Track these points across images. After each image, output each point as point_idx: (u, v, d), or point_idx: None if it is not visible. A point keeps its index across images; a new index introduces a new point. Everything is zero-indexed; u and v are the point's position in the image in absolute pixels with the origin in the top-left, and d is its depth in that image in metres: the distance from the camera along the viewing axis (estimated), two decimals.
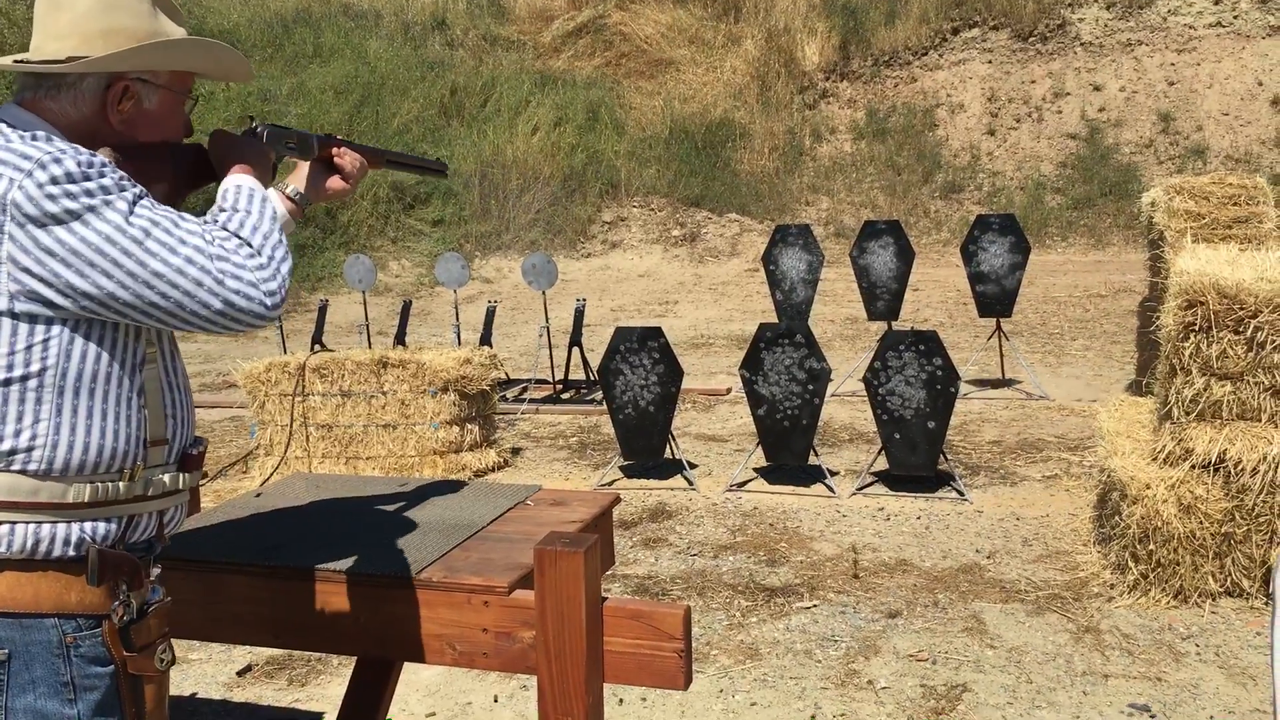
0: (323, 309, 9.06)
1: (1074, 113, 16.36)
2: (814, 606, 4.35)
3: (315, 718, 3.63)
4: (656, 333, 5.90)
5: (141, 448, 1.66)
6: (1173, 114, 15.87)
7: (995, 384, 8.20)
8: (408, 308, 8.97)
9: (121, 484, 1.63)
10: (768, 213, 15.95)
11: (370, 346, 8.52)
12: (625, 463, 6.30)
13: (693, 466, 6.30)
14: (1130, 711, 3.44)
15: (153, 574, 1.73)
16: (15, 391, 1.54)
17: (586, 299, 9.09)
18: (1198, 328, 4.16)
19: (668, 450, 6.07)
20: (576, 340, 8.25)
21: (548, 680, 1.96)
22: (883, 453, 5.73)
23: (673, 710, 3.57)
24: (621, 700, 3.62)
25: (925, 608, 4.29)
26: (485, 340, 8.35)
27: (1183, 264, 4.36)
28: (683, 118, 17.07)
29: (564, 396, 8.35)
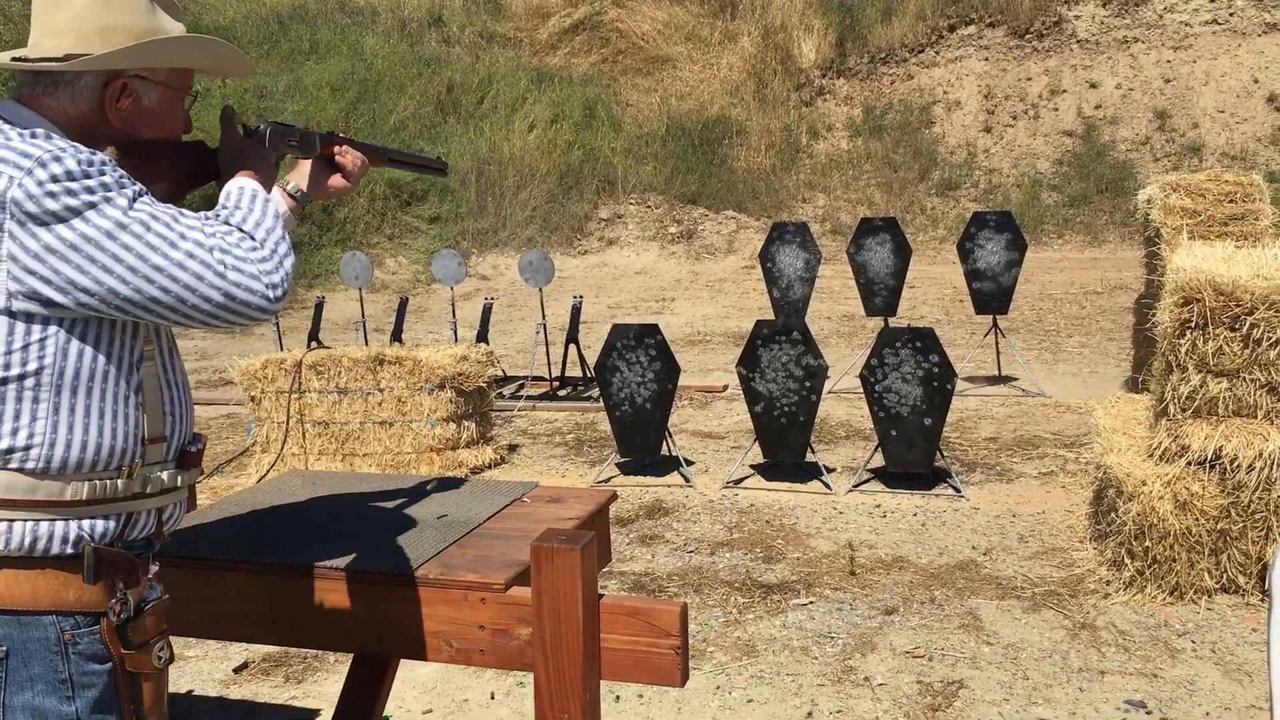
0: (319, 306, 9.06)
1: (1070, 110, 16.37)
2: (810, 603, 4.35)
3: (312, 715, 3.63)
4: (653, 330, 5.90)
5: (140, 445, 1.66)
6: (1169, 111, 15.88)
7: (992, 381, 8.21)
8: (404, 305, 8.97)
9: (120, 482, 1.63)
10: (764, 210, 15.95)
11: (367, 343, 8.51)
12: (622, 460, 6.30)
13: (689, 463, 6.31)
14: (1126, 708, 3.45)
15: (150, 571, 1.73)
16: (13, 390, 1.54)
17: (583, 296, 9.09)
18: (1194, 324, 4.17)
19: (664, 447, 6.07)
20: (573, 337, 8.25)
21: (544, 677, 1.96)
22: (879, 450, 5.73)
23: (669, 707, 3.57)
24: (618, 697, 3.62)
25: (922, 604, 4.30)
26: (482, 337, 8.34)
27: (1179, 261, 4.37)
28: (679, 115, 17.06)
29: (561, 394, 8.35)
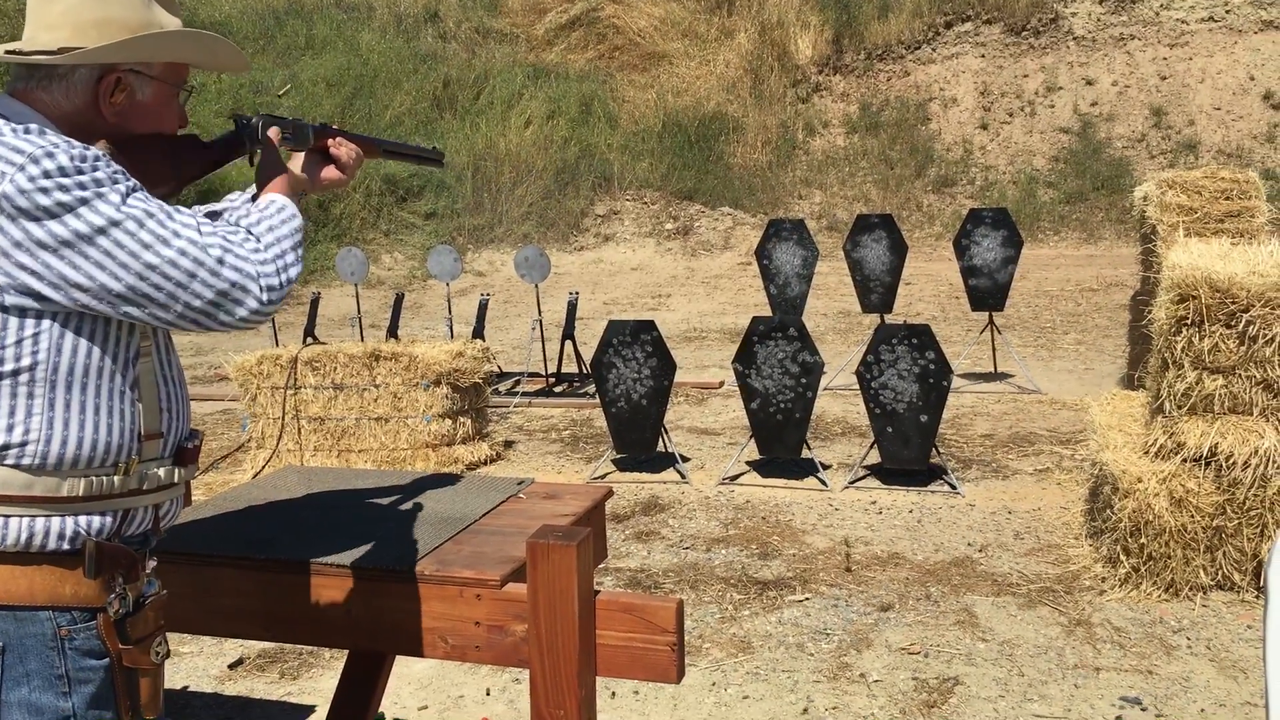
0: (315, 302, 9.04)
1: (1066, 107, 16.37)
2: (806, 600, 4.35)
3: (307, 711, 3.62)
4: (649, 326, 5.90)
5: (136, 441, 1.65)
6: (1165, 108, 15.89)
7: (987, 378, 8.21)
8: (400, 301, 8.96)
9: (116, 478, 1.63)
10: (760, 206, 15.95)
11: (363, 339, 8.49)
12: (618, 456, 6.30)
13: (685, 460, 6.31)
14: (1121, 704, 3.46)
15: (149, 567, 1.72)
16: (7, 386, 1.53)
17: (579, 292, 9.08)
18: (1190, 321, 4.17)
19: (660, 444, 6.07)
20: (569, 333, 8.24)
21: (540, 674, 1.96)
22: (875, 446, 5.73)
23: (665, 703, 3.57)
24: (614, 693, 3.62)
25: (917, 601, 4.30)
26: (478, 333, 8.34)
27: (1175, 258, 4.37)
28: (676, 111, 17.04)
29: (557, 390, 8.34)
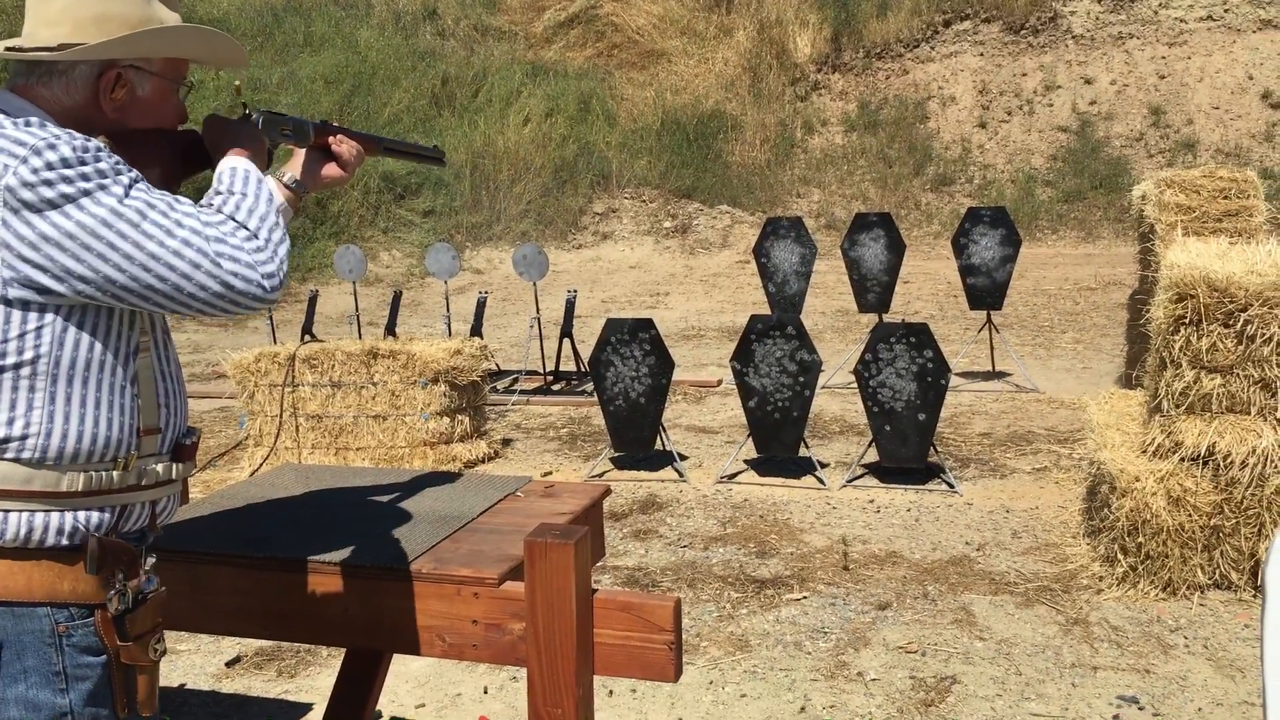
0: (313, 299, 9.03)
1: (1065, 106, 16.38)
2: (804, 598, 4.35)
3: (304, 709, 3.62)
4: (648, 324, 5.90)
5: (135, 436, 1.65)
6: (1163, 107, 15.90)
7: (985, 376, 8.21)
8: (398, 298, 8.95)
9: (115, 473, 1.63)
10: (759, 204, 15.94)
11: (360, 337, 8.49)
12: (616, 454, 6.30)
13: (683, 458, 6.31)
14: (1119, 703, 3.46)
15: (148, 563, 1.72)
16: (9, 379, 1.53)
17: (577, 290, 9.08)
18: (1188, 321, 4.17)
19: (658, 442, 6.07)
20: (567, 331, 8.24)
21: (537, 672, 1.96)
22: (873, 445, 5.74)
23: (663, 702, 3.57)
24: (611, 692, 3.62)
25: (915, 600, 4.30)
26: (476, 331, 8.33)
27: (1173, 257, 4.37)
28: (674, 109, 17.03)
29: (555, 388, 8.34)
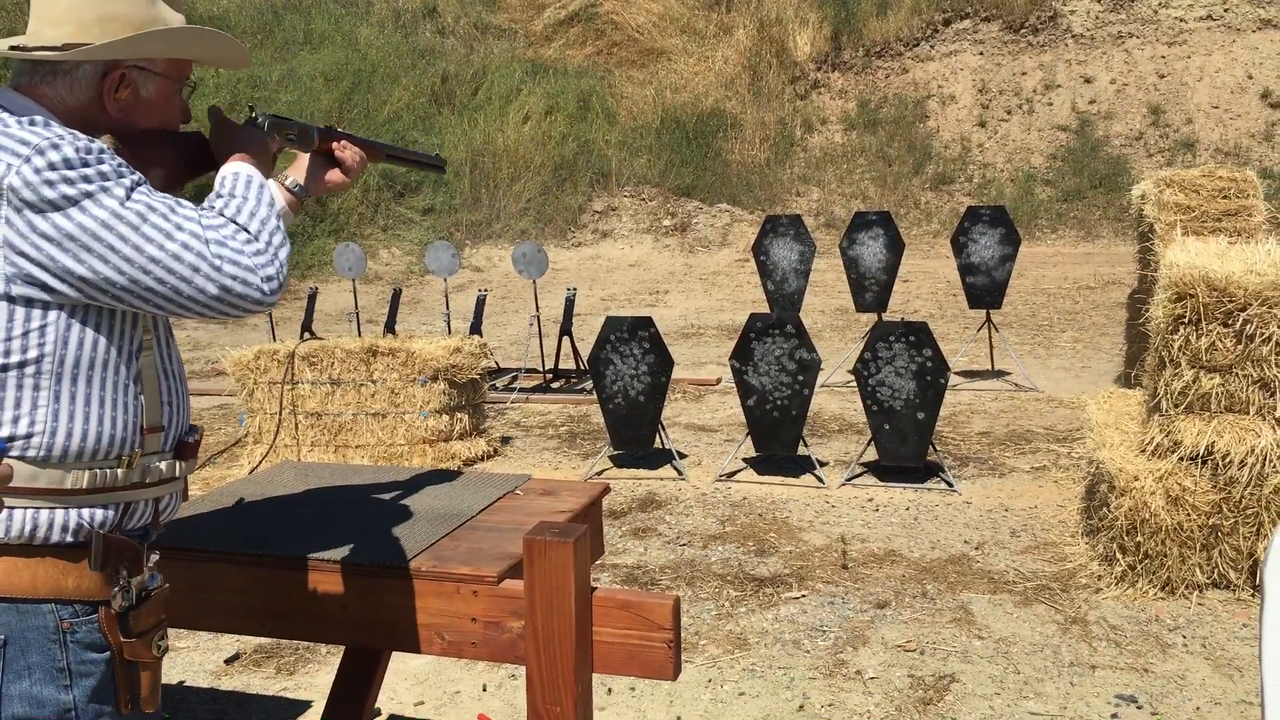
0: (312, 297, 9.03)
1: (1064, 105, 16.38)
2: (803, 597, 4.35)
3: (304, 706, 3.62)
4: (647, 322, 5.90)
5: (138, 434, 1.66)
6: (1163, 107, 15.90)
7: (985, 375, 8.21)
8: (398, 296, 8.95)
9: (119, 470, 1.63)
10: (758, 203, 15.94)
11: (360, 335, 8.49)
12: (615, 452, 6.30)
13: (682, 456, 6.31)
14: (1117, 702, 3.46)
15: (151, 560, 1.73)
16: (13, 378, 1.54)
17: (577, 288, 9.07)
18: (1187, 320, 4.17)
19: (657, 440, 6.07)
20: (567, 329, 8.24)
21: (536, 670, 1.96)
22: (872, 443, 5.74)
23: (661, 700, 3.57)
24: (610, 690, 3.62)
25: (913, 598, 4.30)
26: (475, 329, 8.33)
27: (1172, 257, 4.37)
28: (674, 107, 17.03)
29: (554, 386, 8.34)
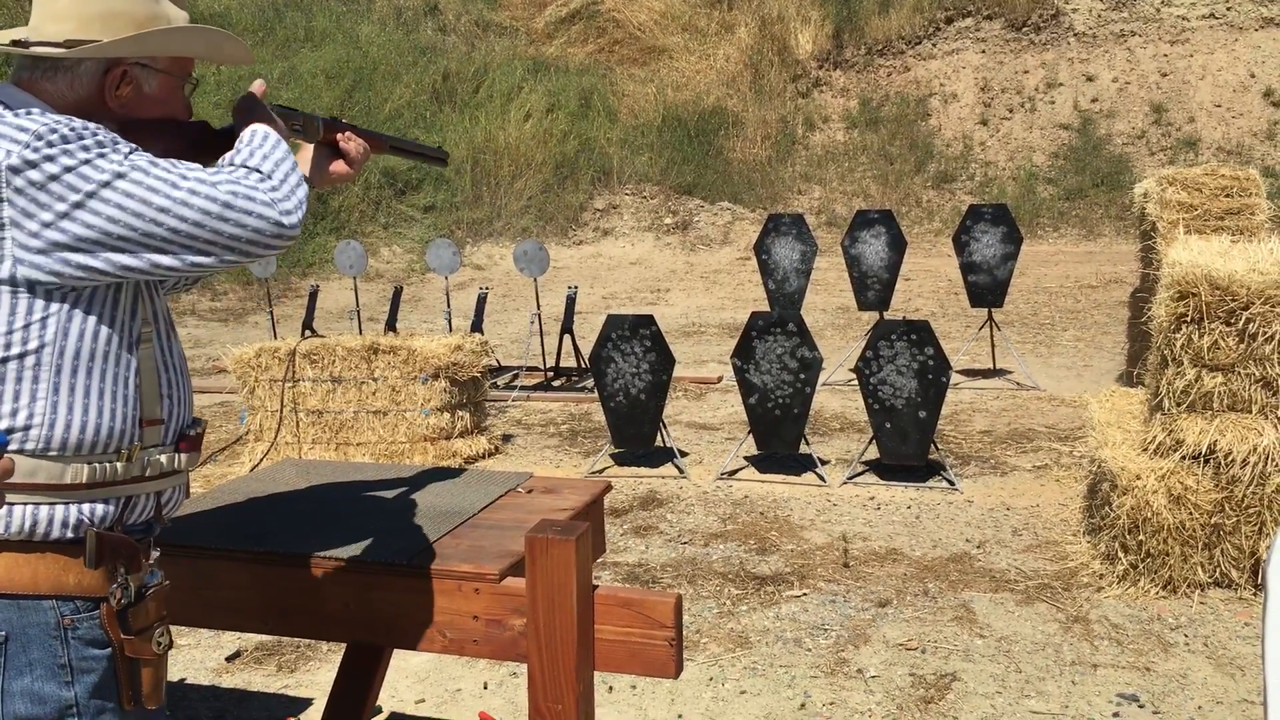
0: (313, 294, 9.03)
1: (1067, 103, 16.36)
2: (804, 595, 4.35)
3: (305, 704, 3.62)
4: (648, 320, 5.89)
5: (137, 427, 1.65)
6: (1165, 105, 15.88)
7: (986, 374, 8.21)
8: (399, 294, 8.95)
9: (119, 464, 1.63)
10: (760, 201, 15.93)
11: (361, 332, 8.48)
12: (616, 450, 6.29)
13: (684, 455, 6.30)
14: (1119, 701, 3.46)
15: (151, 557, 1.72)
16: (13, 369, 1.53)
17: (578, 286, 9.07)
18: (1189, 319, 4.17)
19: (659, 438, 6.07)
20: (568, 328, 8.24)
21: (538, 668, 1.95)
22: (874, 442, 5.73)
23: (663, 698, 3.57)
24: (611, 688, 3.62)
25: (915, 597, 4.30)
26: (476, 327, 8.33)
27: (1175, 255, 4.36)
28: (675, 105, 17.02)
29: (555, 384, 8.34)
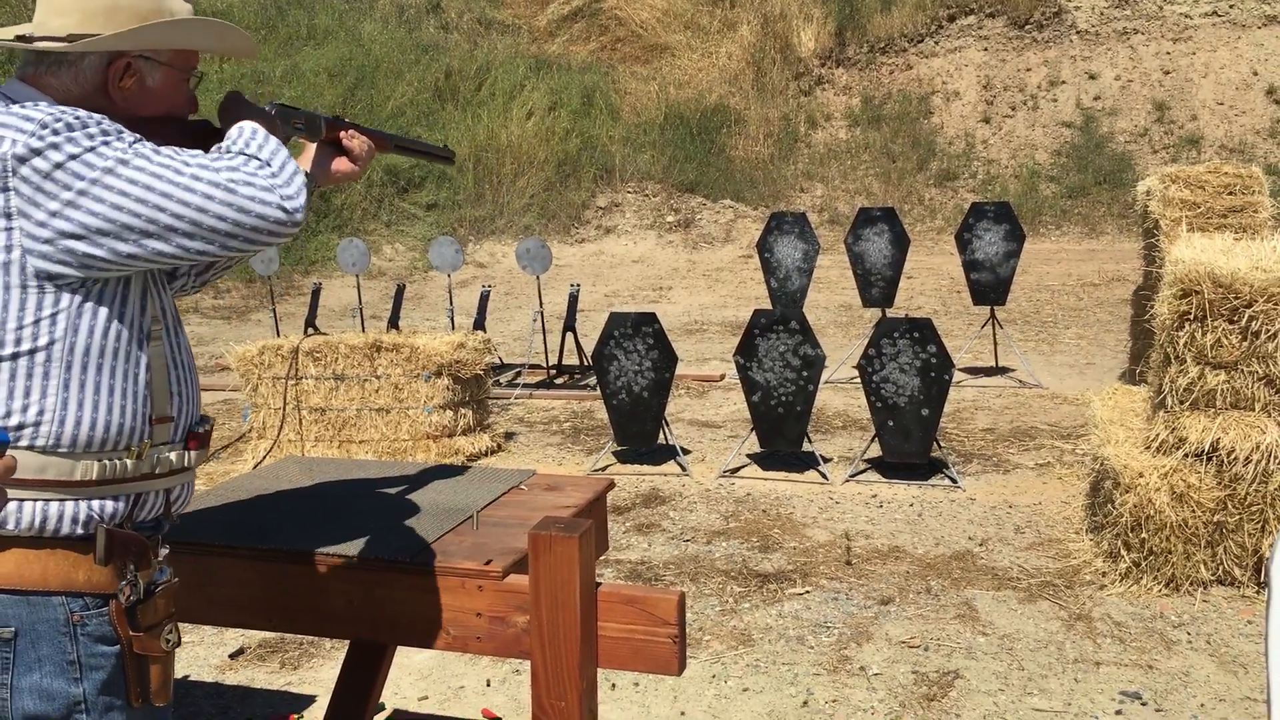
0: (316, 292, 9.04)
1: (1069, 101, 16.34)
2: (807, 593, 4.35)
3: (308, 701, 3.63)
4: (651, 318, 5.89)
5: (147, 424, 1.66)
6: (1168, 103, 15.86)
7: (989, 372, 8.20)
8: (401, 292, 8.95)
9: (129, 461, 1.63)
10: (762, 199, 15.92)
11: (364, 330, 8.49)
12: (619, 448, 6.30)
13: (686, 452, 6.30)
14: (1121, 699, 3.46)
15: (160, 554, 1.72)
16: (24, 365, 1.54)
17: (580, 284, 9.07)
18: (1192, 317, 4.16)
19: (661, 436, 6.07)
20: (570, 325, 8.24)
21: (541, 665, 1.96)
22: (876, 440, 5.73)
23: (665, 695, 3.57)
24: (614, 685, 3.62)
25: (917, 594, 4.30)
26: (479, 325, 8.33)
27: (1178, 253, 4.36)
28: (678, 103, 17.01)
29: (557, 382, 8.34)
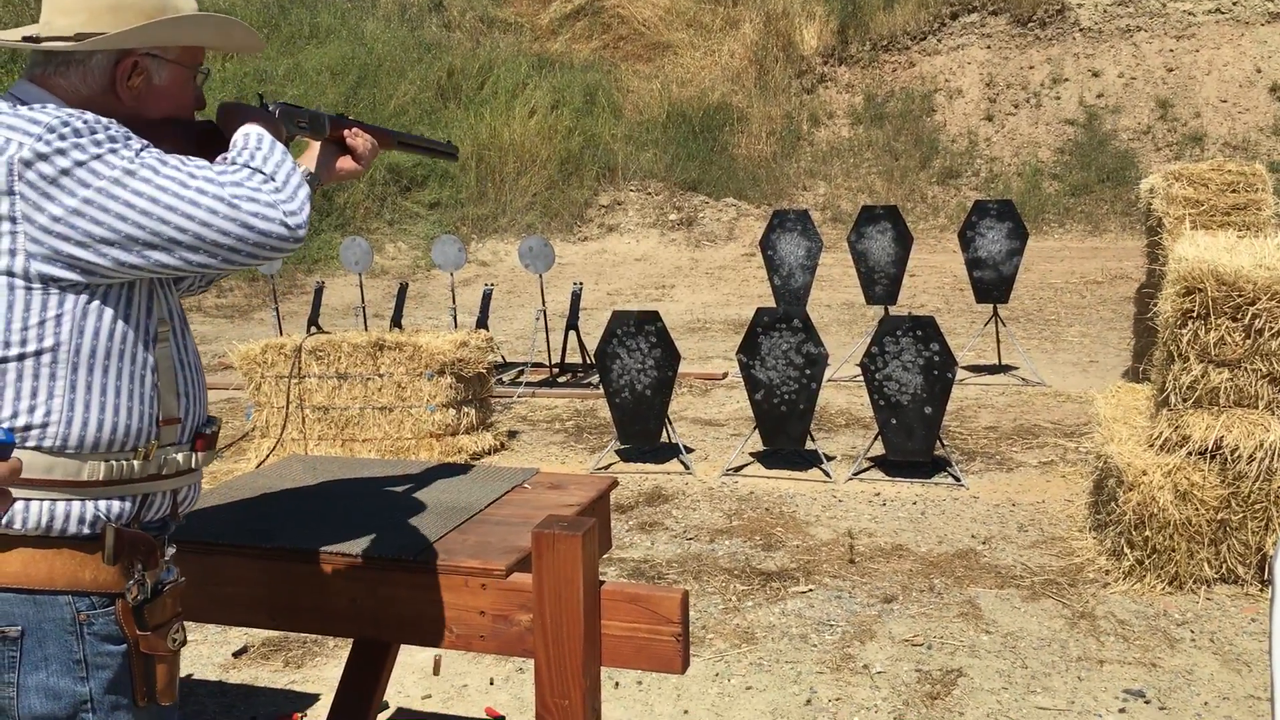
0: (319, 291, 9.04)
1: (1072, 99, 16.32)
2: (810, 591, 4.35)
3: (311, 699, 3.63)
4: (653, 317, 5.89)
5: (154, 425, 1.66)
6: (1171, 101, 15.84)
7: (992, 370, 8.20)
8: (404, 290, 8.96)
9: (136, 462, 1.63)
10: (765, 197, 15.91)
11: (366, 329, 8.49)
12: (621, 446, 6.30)
13: (689, 451, 6.30)
14: (1125, 697, 3.45)
15: (167, 554, 1.73)
16: (30, 366, 1.54)
17: (583, 282, 9.07)
18: (1196, 314, 4.16)
19: (664, 434, 6.07)
20: (573, 324, 8.24)
21: (545, 663, 1.96)
22: (879, 438, 5.73)
23: (668, 693, 3.58)
24: (617, 684, 3.62)
25: (921, 593, 4.30)
26: (482, 323, 8.33)
27: (1181, 251, 4.36)
28: (680, 101, 17.00)
29: (560, 380, 8.34)
